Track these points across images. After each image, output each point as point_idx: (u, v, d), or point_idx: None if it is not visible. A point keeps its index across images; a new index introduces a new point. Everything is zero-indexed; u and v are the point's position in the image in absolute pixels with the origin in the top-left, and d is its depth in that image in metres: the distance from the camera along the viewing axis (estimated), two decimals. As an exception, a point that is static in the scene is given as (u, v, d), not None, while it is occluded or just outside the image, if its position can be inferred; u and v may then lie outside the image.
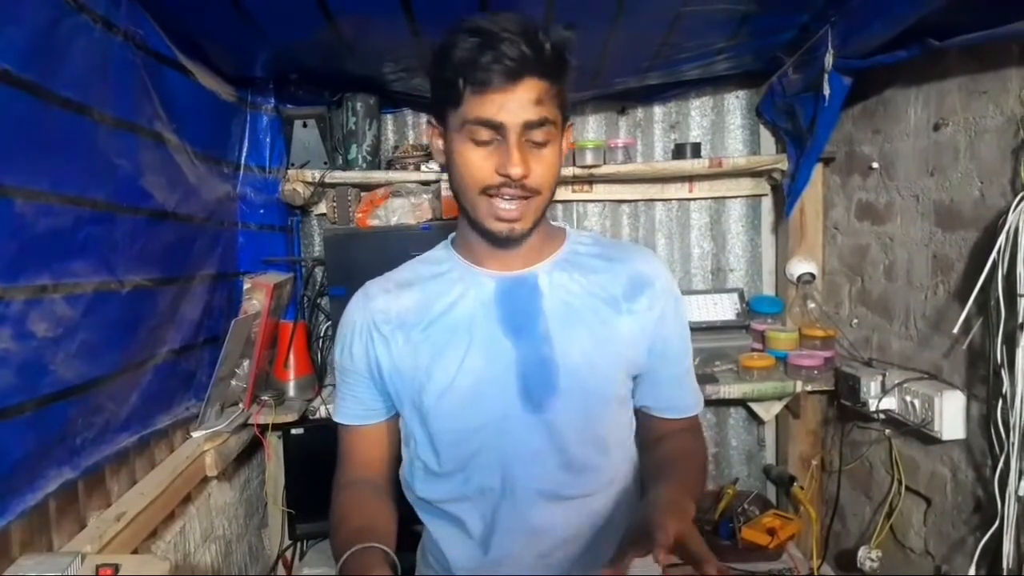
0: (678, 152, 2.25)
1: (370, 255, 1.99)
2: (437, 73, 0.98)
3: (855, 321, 2.09)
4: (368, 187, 2.17)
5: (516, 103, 0.94)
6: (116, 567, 1.03)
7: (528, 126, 0.95)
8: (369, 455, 1.15)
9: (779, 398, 2.12)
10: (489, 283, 1.08)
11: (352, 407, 1.14)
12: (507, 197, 0.98)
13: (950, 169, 1.66)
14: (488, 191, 0.98)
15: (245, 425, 1.87)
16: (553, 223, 1.16)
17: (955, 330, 1.52)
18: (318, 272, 2.23)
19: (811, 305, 2.20)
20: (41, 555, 1.07)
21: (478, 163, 0.97)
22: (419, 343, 1.06)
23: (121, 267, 1.37)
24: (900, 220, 1.86)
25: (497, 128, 0.95)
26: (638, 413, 1.17)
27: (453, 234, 1.16)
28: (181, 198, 1.63)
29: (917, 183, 1.79)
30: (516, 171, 0.95)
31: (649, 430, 1.16)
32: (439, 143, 1.04)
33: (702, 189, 2.34)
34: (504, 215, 0.99)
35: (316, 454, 2.09)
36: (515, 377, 1.05)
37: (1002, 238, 1.41)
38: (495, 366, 1.04)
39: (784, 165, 2.19)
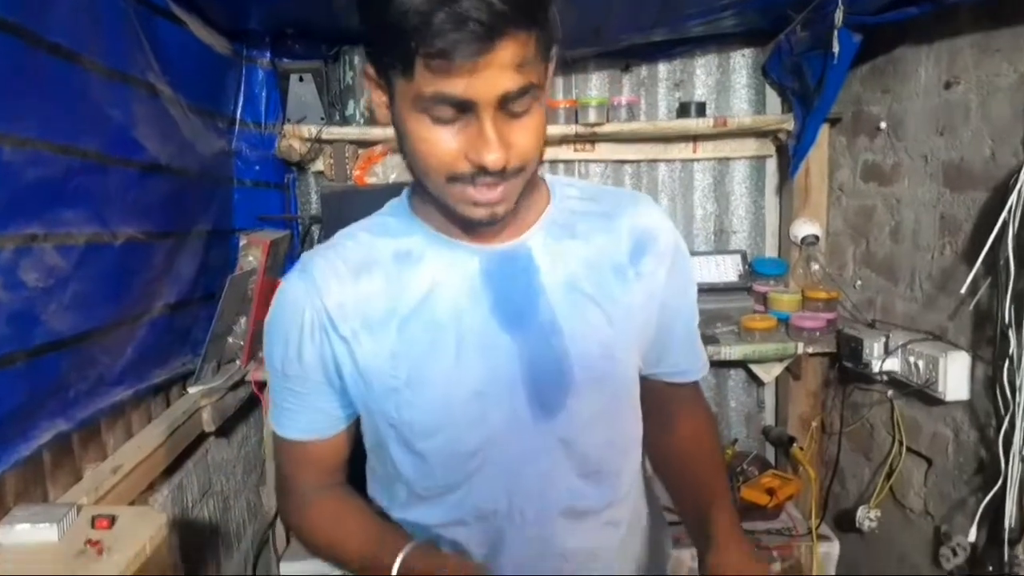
0: (682, 111, 2.21)
1: (368, 212, 1.95)
2: (375, 16, 0.71)
3: (858, 283, 2.07)
4: (366, 144, 2.14)
5: (489, 74, 0.70)
6: (112, 518, 1.02)
7: (506, 99, 0.72)
8: (324, 468, 0.95)
9: (780, 360, 2.11)
10: (471, 261, 0.86)
11: (307, 419, 0.91)
12: (483, 185, 0.76)
13: (961, 128, 1.63)
14: (458, 178, 0.76)
15: (242, 382, 1.86)
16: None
17: (963, 290, 1.49)
18: (315, 230, 2.20)
19: (814, 267, 2.17)
20: (36, 506, 1.06)
21: (441, 147, 0.74)
22: (393, 346, 0.84)
23: (114, 219, 1.34)
24: (907, 181, 1.83)
25: (464, 106, 0.72)
26: (642, 381, 0.99)
27: (407, 191, 0.91)
28: (175, 151, 1.59)
29: (926, 143, 1.75)
30: (493, 158, 0.73)
31: (654, 399, 1.00)
32: (383, 99, 0.78)
33: (706, 149, 2.30)
34: (482, 199, 0.77)
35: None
36: (521, 381, 0.86)
37: (1013, 197, 1.39)
38: (494, 369, 0.85)
39: (790, 125, 2.15)
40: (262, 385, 1.90)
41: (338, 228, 2.26)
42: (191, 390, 1.66)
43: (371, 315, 0.85)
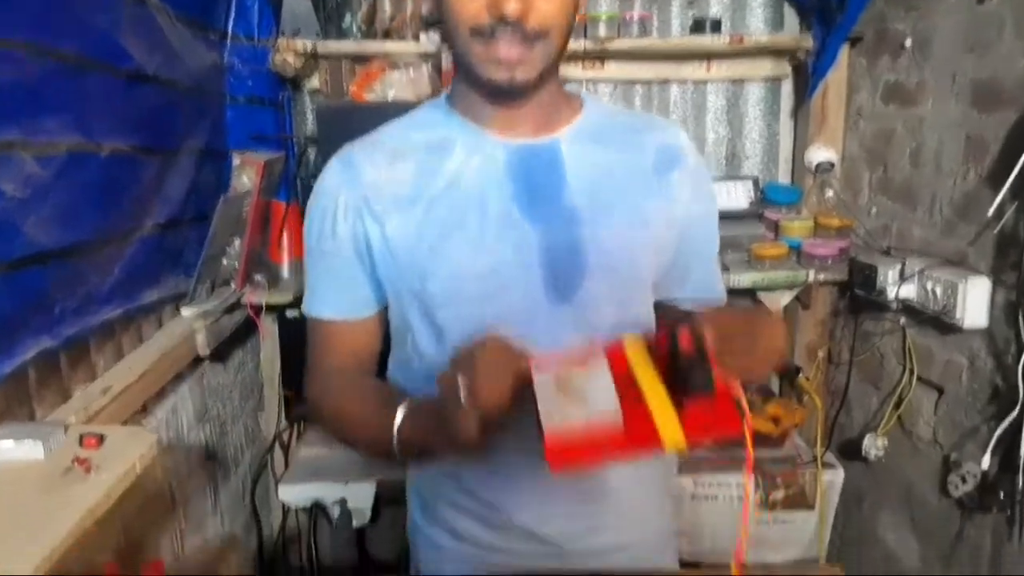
0: (696, 28, 2.11)
1: (365, 131, 1.86)
2: None
3: (873, 210, 2.00)
4: (363, 59, 2.03)
5: None
6: (101, 436, 0.97)
7: None
8: (353, 352, 1.00)
9: (790, 288, 2.06)
10: (499, 152, 0.92)
11: (336, 297, 0.98)
12: (503, 40, 0.81)
13: (993, 45, 1.54)
14: (480, 32, 0.82)
15: (238, 305, 1.81)
16: (568, 87, 1.01)
17: (989, 213, 1.43)
18: (311, 152, 2.12)
19: (828, 194, 2.11)
20: (21, 424, 1.01)
21: None
22: (420, 225, 0.91)
23: (97, 129, 1.27)
24: (932, 101, 1.75)
25: None
26: (657, 308, 1.03)
27: (447, 91, 0.99)
28: (163, 62, 1.50)
29: (954, 61, 1.66)
30: (511, 8, 0.78)
31: None
32: None
33: (720, 69, 2.20)
34: (502, 56, 0.82)
35: (313, 338, 2.04)
36: (538, 264, 0.91)
37: (1048, 114, 1.31)
38: (515, 251, 0.90)
39: (809, 44, 2.06)
40: (258, 309, 1.86)
41: (335, 148, 2.18)
42: (184, 312, 1.61)
43: (401, 196, 0.92)
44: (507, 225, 0.91)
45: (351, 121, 1.90)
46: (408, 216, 0.91)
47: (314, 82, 2.11)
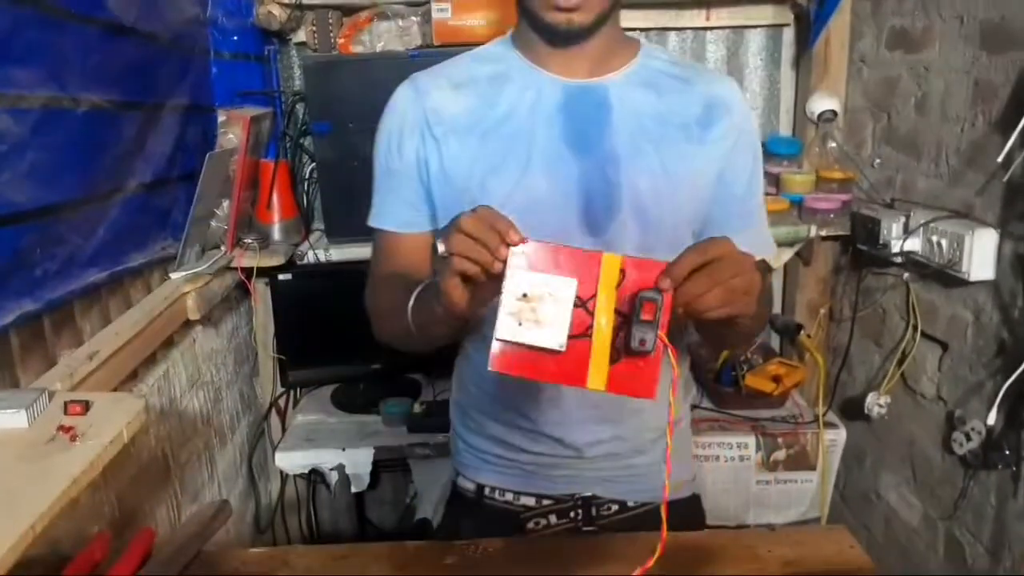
0: (695, -26, 2.04)
1: (355, 85, 1.82)
2: None
3: (877, 161, 1.96)
4: (351, 9, 1.96)
5: None
6: (87, 404, 0.93)
7: None
8: (411, 263, 1.08)
9: (791, 244, 2.02)
10: (554, 90, 0.99)
11: (398, 211, 1.06)
12: None
13: (1004, -17, 1.49)
14: None
15: (228, 269, 1.76)
16: (628, 34, 1.05)
17: (999, 159, 1.39)
18: (299, 109, 2.06)
19: (831, 145, 2.06)
20: (3, 391, 0.98)
21: None
22: (474, 152, 0.99)
23: (73, 83, 1.21)
24: (939, 45, 1.69)
25: None
26: None
27: (513, 29, 1.05)
28: (141, 13, 1.44)
29: (962, 2, 1.61)
30: None
31: None
32: None
33: (720, 17, 2.13)
34: (561, 2, 0.89)
35: (306, 300, 2.01)
36: (576, 197, 0.98)
37: (1062, 55, 1.27)
38: (556, 184, 0.98)
39: (811, -11, 1.99)
40: (249, 272, 1.81)
41: (323, 104, 2.13)
42: (173, 276, 1.57)
43: (460, 123, 0.99)
44: (552, 159, 0.97)
45: (339, 75, 1.85)
46: (464, 143, 0.99)
47: (300, 36, 2.04)
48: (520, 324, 0.72)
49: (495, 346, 0.73)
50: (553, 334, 0.71)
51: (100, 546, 0.93)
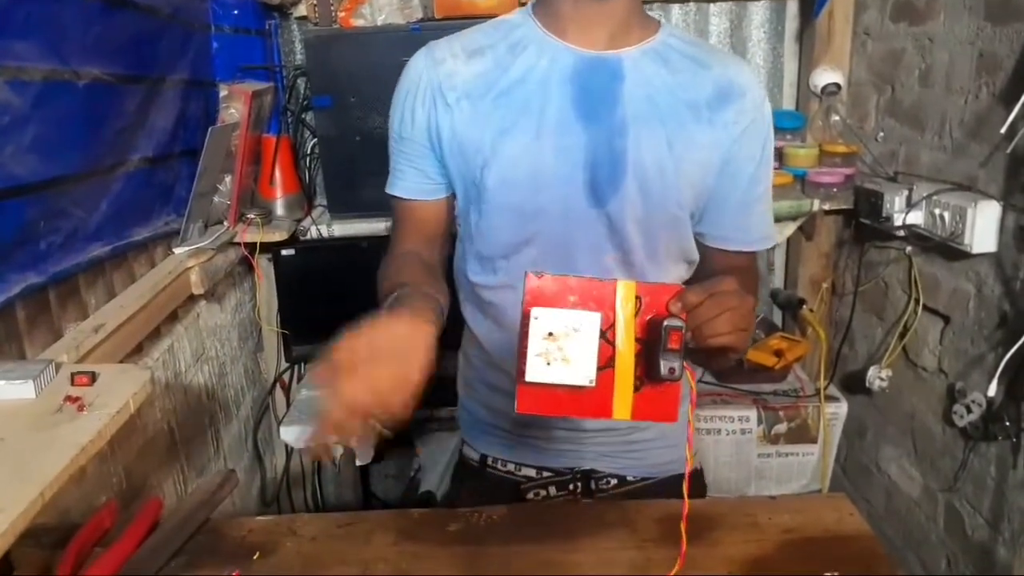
0: (697, -54, 2.02)
1: (356, 59, 1.82)
2: None
3: (880, 135, 1.95)
4: (352, -17, 1.95)
5: None
6: (93, 375, 0.94)
7: None
8: (425, 230, 1.10)
9: (794, 218, 2.02)
10: (567, 58, 0.99)
11: (412, 179, 1.07)
12: None
13: (1010, -48, 1.47)
14: None
15: (232, 244, 1.77)
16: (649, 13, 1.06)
17: (1002, 130, 1.38)
18: (300, 84, 2.05)
19: (834, 118, 2.05)
20: (10, 362, 0.98)
21: None
22: (486, 116, 0.99)
23: (74, 56, 1.20)
24: (943, 16, 1.68)
25: None
26: (702, 260, 1.10)
27: (533, 1, 1.06)
28: (141, -13, 1.44)
29: (967, -27, 1.60)
30: None
31: (703, 265, 1.10)
32: None
33: (722, -10, 2.12)
34: None
35: (309, 275, 2.01)
36: (582, 167, 0.99)
37: (1068, 24, 1.26)
38: (563, 151, 0.98)
39: (815, -39, 1.97)
40: (252, 248, 1.82)
41: (325, 79, 2.12)
42: (177, 251, 1.57)
43: (474, 89, 1.00)
44: (561, 126, 0.98)
45: (340, 49, 1.85)
46: (477, 107, 0.99)
47: (301, 9, 2.03)
48: (548, 364, 0.70)
49: (521, 391, 0.72)
50: (583, 371, 0.70)
51: (108, 514, 0.95)
